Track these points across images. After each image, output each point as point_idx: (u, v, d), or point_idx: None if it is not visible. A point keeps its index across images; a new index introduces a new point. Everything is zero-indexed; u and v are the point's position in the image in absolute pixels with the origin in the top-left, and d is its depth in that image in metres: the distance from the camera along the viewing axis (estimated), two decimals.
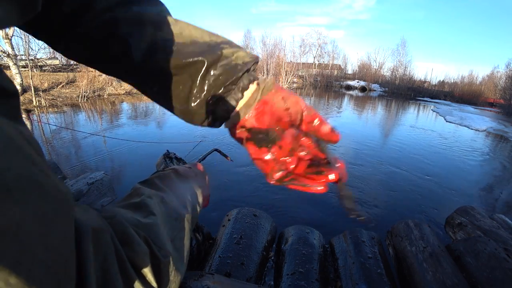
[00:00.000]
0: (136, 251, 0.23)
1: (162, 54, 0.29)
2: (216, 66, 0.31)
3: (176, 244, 0.30)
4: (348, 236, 1.22)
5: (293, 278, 0.96)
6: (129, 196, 0.33)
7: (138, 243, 0.23)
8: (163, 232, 0.28)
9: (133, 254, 0.22)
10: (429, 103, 24.34)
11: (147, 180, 0.39)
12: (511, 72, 24.86)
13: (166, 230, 0.30)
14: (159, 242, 0.26)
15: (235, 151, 5.01)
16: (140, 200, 0.31)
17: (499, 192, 4.43)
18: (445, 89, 37.52)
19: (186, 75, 0.31)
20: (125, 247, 0.22)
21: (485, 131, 10.81)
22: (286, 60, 29.76)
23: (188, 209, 0.37)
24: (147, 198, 0.31)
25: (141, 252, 0.23)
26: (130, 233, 0.23)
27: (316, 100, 18.12)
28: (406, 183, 4.15)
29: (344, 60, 43.73)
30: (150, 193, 0.33)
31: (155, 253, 0.25)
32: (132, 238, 0.23)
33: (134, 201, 0.30)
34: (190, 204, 0.38)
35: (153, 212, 0.29)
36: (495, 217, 1.47)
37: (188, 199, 0.39)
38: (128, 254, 0.22)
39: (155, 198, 0.32)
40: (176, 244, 0.30)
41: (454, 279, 0.95)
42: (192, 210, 0.38)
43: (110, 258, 0.19)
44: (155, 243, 0.26)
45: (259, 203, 3.17)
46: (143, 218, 0.28)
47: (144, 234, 0.25)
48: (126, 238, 0.23)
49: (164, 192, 0.35)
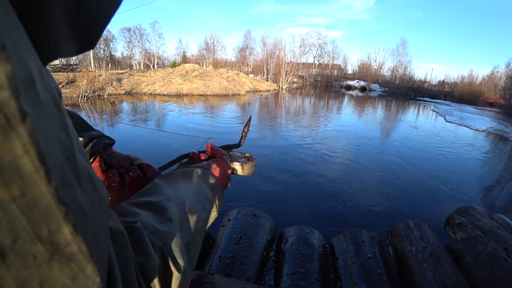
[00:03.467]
0: (148, 262, 0.23)
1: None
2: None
3: (190, 252, 0.30)
4: (348, 236, 1.22)
5: (293, 278, 0.96)
6: (149, 190, 0.34)
7: (151, 255, 0.23)
8: (179, 241, 0.28)
9: (145, 264, 0.22)
10: (429, 103, 24.34)
11: (171, 174, 0.39)
12: (511, 72, 24.85)
13: (182, 235, 0.30)
14: (174, 252, 0.27)
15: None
16: (159, 200, 0.31)
17: (499, 192, 4.43)
18: (445, 89, 37.53)
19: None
20: (138, 256, 0.22)
21: (485, 131, 10.81)
22: (286, 60, 29.77)
23: (206, 210, 0.37)
24: (166, 200, 0.31)
25: (153, 264, 0.23)
26: (146, 243, 0.24)
27: (316, 100, 18.13)
28: (406, 183, 4.15)
29: (344, 60, 43.83)
30: (169, 194, 0.33)
31: (169, 265, 0.26)
32: (146, 248, 0.23)
33: (153, 201, 0.31)
34: (209, 205, 0.38)
35: (170, 218, 0.29)
36: (495, 217, 1.47)
37: (208, 198, 0.39)
38: (140, 263, 0.22)
39: (174, 201, 0.32)
40: (190, 252, 0.30)
41: (454, 279, 0.95)
42: (210, 211, 0.38)
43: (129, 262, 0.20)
44: (170, 253, 0.26)
45: (259, 203, 3.17)
46: (160, 225, 0.28)
47: (160, 244, 0.25)
48: (141, 247, 0.23)
49: (184, 193, 0.36)
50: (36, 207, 0.12)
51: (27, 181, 0.11)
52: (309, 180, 3.98)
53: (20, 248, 0.11)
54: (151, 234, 0.26)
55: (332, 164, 4.81)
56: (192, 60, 39.85)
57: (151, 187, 0.34)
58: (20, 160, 0.11)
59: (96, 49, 33.58)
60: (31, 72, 0.12)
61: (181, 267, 0.27)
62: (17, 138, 0.11)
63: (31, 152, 0.11)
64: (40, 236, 0.12)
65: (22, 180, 0.11)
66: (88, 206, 0.15)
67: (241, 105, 12.76)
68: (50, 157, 0.12)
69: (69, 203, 0.13)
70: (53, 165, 0.13)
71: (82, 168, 0.15)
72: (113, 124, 7.15)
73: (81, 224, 0.14)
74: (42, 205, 0.12)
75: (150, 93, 14.75)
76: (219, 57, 40.95)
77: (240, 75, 21.82)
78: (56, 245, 0.12)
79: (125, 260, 0.19)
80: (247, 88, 19.51)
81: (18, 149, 0.11)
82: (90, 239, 0.14)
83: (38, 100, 0.12)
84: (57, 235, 0.12)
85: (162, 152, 4.64)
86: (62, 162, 0.13)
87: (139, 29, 35.68)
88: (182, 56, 40.97)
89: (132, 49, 35.67)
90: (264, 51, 33.13)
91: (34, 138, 0.12)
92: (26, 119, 0.11)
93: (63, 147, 0.13)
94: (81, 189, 0.14)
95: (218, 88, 16.84)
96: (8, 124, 0.11)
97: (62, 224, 0.13)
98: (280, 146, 5.63)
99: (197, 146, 4.92)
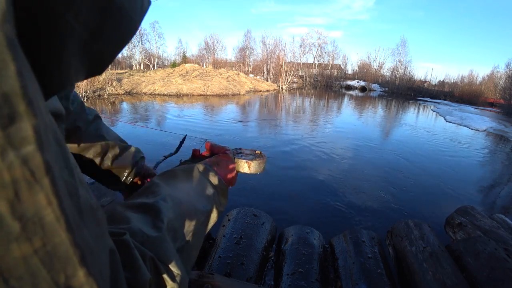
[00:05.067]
0: (137, 279, 0.22)
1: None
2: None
3: (184, 256, 0.29)
4: (348, 236, 1.22)
5: (293, 278, 0.96)
6: (146, 190, 0.33)
7: (141, 269, 0.22)
8: (171, 247, 0.27)
9: (134, 281, 0.22)
10: (429, 103, 24.34)
11: (170, 171, 0.38)
12: (511, 72, 24.87)
13: (176, 238, 0.29)
14: (167, 260, 0.26)
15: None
16: (154, 202, 0.30)
17: (499, 192, 4.43)
18: (445, 89, 37.55)
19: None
20: (126, 272, 0.21)
21: (485, 131, 10.81)
22: (286, 60, 29.77)
23: (207, 210, 0.36)
24: (161, 201, 0.30)
25: (143, 279, 0.22)
26: (134, 257, 0.23)
27: (316, 100, 18.13)
28: (406, 183, 4.15)
29: (344, 60, 43.81)
30: (165, 194, 0.32)
31: (162, 277, 0.25)
32: (135, 262, 0.22)
33: (148, 202, 0.30)
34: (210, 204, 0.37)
35: (164, 221, 0.28)
36: (495, 217, 1.47)
37: (209, 197, 0.38)
38: (129, 279, 0.21)
39: (170, 201, 0.31)
40: (184, 256, 0.29)
41: (454, 279, 0.95)
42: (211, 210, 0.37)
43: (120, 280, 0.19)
44: (163, 261, 0.25)
45: (259, 203, 3.17)
46: (152, 229, 0.27)
47: (150, 254, 0.24)
48: (130, 262, 0.22)
49: (183, 192, 0.35)
50: (55, 255, 0.12)
51: (48, 231, 0.11)
52: (309, 180, 3.99)
53: None
54: (141, 243, 0.24)
55: (332, 163, 4.81)
56: (192, 60, 39.82)
57: (149, 187, 0.33)
58: (43, 211, 0.11)
59: None
60: (44, 117, 0.12)
61: (176, 276, 0.26)
62: (41, 191, 0.11)
63: (53, 202, 0.11)
64: (58, 283, 0.12)
65: (44, 232, 0.11)
66: (93, 241, 0.15)
67: (241, 105, 12.76)
68: (65, 203, 0.12)
69: (82, 246, 0.13)
70: (68, 209, 0.12)
71: (84, 202, 0.15)
72: (113, 121, 7.15)
73: (92, 263, 0.14)
74: (60, 252, 0.12)
75: (150, 93, 14.75)
76: (219, 57, 40.96)
77: (240, 75, 21.82)
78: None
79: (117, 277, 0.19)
80: (247, 88, 19.51)
81: (42, 201, 0.11)
82: (98, 275, 0.14)
83: (50, 144, 0.12)
84: (73, 279, 0.12)
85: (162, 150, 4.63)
86: (68, 202, 0.13)
87: (139, 29, 35.67)
88: (182, 56, 40.94)
89: (132, 49, 35.63)
90: (264, 51, 33.15)
91: (56, 188, 0.12)
92: (50, 171, 0.11)
93: (67, 185, 0.13)
94: (86, 226, 0.14)
95: (218, 88, 16.83)
96: (33, 178, 0.11)
97: (77, 268, 0.13)
98: (280, 146, 5.63)
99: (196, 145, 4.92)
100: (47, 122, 0.12)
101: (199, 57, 41.20)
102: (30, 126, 0.11)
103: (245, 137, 6.47)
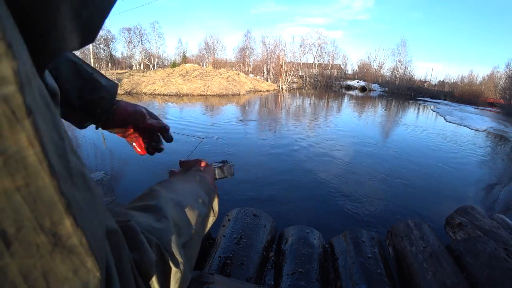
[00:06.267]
0: (144, 260, 0.23)
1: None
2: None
3: (187, 252, 0.30)
4: (348, 236, 1.22)
5: (293, 278, 0.96)
6: (145, 196, 0.34)
7: (147, 251, 0.24)
8: (175, 239, 0.28)
9: (141, 261, 0.23)
10: (429, 103, 24.34)
11: (166, 180, 0.39)
12: (511, 72, 24.86)
13: (179, 234, 0.30)
14: (171, 248, 0.27)
15: (236, 154, 5.01)
16: (155, 203, 0.31)
17: (499, 192, 4.43)
18: (445, 89, 37.53)
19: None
20: (134, 253, 0.22)
21: (485, 131, 10.80)
22: (286, 60, 29.76)
23: (204, 213, 0.37)
24: (162, 202, 0.31)
25: (149, 260, 0.23)
26: (141, 240, 0.24)
27: (316, 100, 18.13)
28: (406, 183, 4.15)
29: (344, 60, 43.80)
30: (166, 197, 0.33)
31: (167, 262, 0.25)
32: (142, 245, 0.23)
33: (149, 204, 0.31)
34: (206, 208, 0.39)
35: (167, 217, 0.29)
36: (495, 217, 1.47)
37: (204, 201, 0.39)
38: (136, 261, 0.22)
39: (171, 202, 0.32)
40: (187, 252, 0.30)
41: (454, 279, 0.95)
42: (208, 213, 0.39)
43: (125, 259, 0.20)
44: (167, 249, 0.26)
45: (259, 203, 3.17)
46: (157, 222, 0.28)
47: (156, 241, 0.25)
48: (136, 244, 0.23)
49: (181, 194, 0.36)
50: (39, 198, 0.12)
51: (31, 172, 0.12)
52: (309, 180, 3.99)
53: (24, 237, 0.12)
54: (147, 232, 0.25)
55: (331, 164, 4.81)
56: (192, 60, 39.84)
57: (147, 193, 0.34)
58: (25, 151, 0.12)
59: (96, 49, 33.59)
60: (28, 71, 0.13)
61: (180, 263, 0.27)
62: (23, 131, 0.11)
63: (35, 145, 0.12)
64: (43, 227, 0.12)
65: (26, 171, 0.12)
66: (83, 204, 0.15)
67: (241, 105, 12.76)
68: (50, 152, 0.13)
69: (70, 197, 0.14)
70: (53, 159, 0.13)
71: (74, 167, 0.15)
72: None
73: (81, 219, 0.14)
74: (45, 196, 0.12)
75: (150, 93, 14.75)
76: (219, 57, 40.94)
77: (240, 75, 21.81)
78: (58, 237, 0.13)
79: (121, 258, 0.20)
80: (247, 88, 19.50)
81: (23, 141, 0.12)
82: (89, 234, 0.14)
83: (35, 98, 0.13)
84: (59, 226, 0.13)
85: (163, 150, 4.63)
86: (56, 160, 0.14)
87: (139, 29, 35.64)
88: (182, 56, 40.97)
89: (132, 49, 35.71)
90: (264, 51, 33.13)
91: (38, 132, 0.12)
92: (31, 114, 0.12)
93: (56, 146, 0.14)
94: (76, 188, 0.15)
95: (218, 88, 16.83)
96: (14, 117, 0.11)
97: (63, 216, 0.13)
98: (280, 146, 5.63)
99: (194, 145, 4.92)
100: (29, 75, 0.13)
101: (199, 57, 41.22)
102: (9, 66, 0.11)
103: (245, 137, 6.47)
